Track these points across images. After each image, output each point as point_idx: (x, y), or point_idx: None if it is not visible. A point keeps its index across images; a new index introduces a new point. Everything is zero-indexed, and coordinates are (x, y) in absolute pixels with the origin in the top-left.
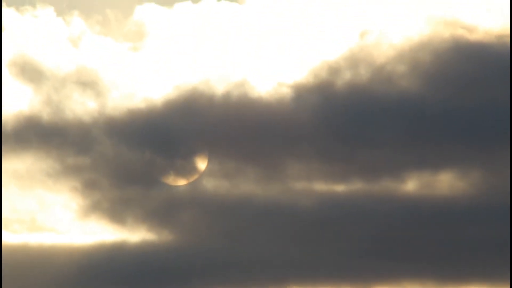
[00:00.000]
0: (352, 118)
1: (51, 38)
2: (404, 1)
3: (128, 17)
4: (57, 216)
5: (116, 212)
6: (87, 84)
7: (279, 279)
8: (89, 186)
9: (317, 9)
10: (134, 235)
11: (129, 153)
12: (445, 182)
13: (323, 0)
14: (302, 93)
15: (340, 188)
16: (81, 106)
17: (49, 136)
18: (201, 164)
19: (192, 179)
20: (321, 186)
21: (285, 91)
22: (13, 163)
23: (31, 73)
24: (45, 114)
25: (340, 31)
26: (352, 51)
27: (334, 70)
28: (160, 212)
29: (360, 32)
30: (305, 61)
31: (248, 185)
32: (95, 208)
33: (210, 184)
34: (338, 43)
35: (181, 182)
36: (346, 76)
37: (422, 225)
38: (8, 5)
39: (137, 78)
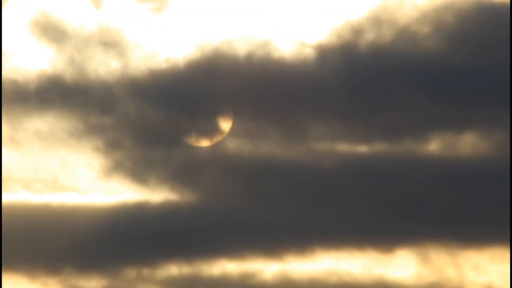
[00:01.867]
0: (374, 78)
1: None
2: None
3: None
4: (79, 176)
5: (139, 172)
6: (110, 44)
7: (301, 240)
8: (111, 146)
9: None
10: (157, 195)
11: (152, 113)
12: (468, 143)
13: None
14: (325, 54)
15: (362, 149)
16: (104, 66)
17: (72, 96)
18: (224, 124)
19: (215, 140)
20: (343, 147)
21: (308, 52)
22: (36, 123)
23: (54, 33)
24: (68, 74)
25: None
26: (375, 12)
27: (357, 31)
28: (183, 172)
29: None
30: (327, 21)
31: (270, 145)
32: (117, 168)
33: (233, 145)
34: (361, 3)
35: (204, 142)
36: (369, 36)
37: (445, 186)
38: None
39: (160, 38)
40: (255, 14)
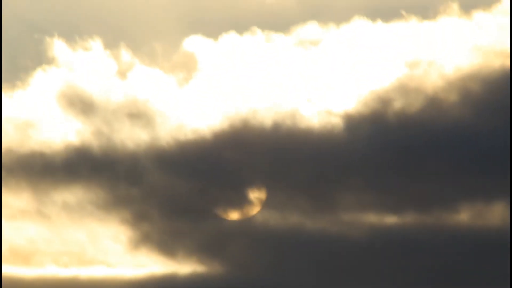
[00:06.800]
0: (403, 148)
1: (100, 70)
2: (452, 31)
3: (176, 49)
4: (107, 249)
5: (167, 244)
6: (137, 115)
7: None
8: (139, 218)
9: (365, 39)
10: (185, 267)
11: (179, 184)
12: (498, 213)
13: (370, 31)
14: (352, 123)
15: (391, 219)
16: (131, 138)
17: (99, 168)
18: (253, 196)
19: (244, 212)
20: (372, 218)
21: (335, 121)
22: (63, 195)
23: (81, 105)
24: (95, 145)
25: (388, 61)
26: (400, 81)
27: (383, 100)
28: (210, 244)
29: (409, 62)
30: (354, 91)
31: (299, 216)
32: (145, 240)
33: (261, 215)
34: (387, 73)
35: (233, 214)
36: (396, 105)
37: (475, 256)
38: (59, 37)
39: (186, 109)
40: (281, 84)
